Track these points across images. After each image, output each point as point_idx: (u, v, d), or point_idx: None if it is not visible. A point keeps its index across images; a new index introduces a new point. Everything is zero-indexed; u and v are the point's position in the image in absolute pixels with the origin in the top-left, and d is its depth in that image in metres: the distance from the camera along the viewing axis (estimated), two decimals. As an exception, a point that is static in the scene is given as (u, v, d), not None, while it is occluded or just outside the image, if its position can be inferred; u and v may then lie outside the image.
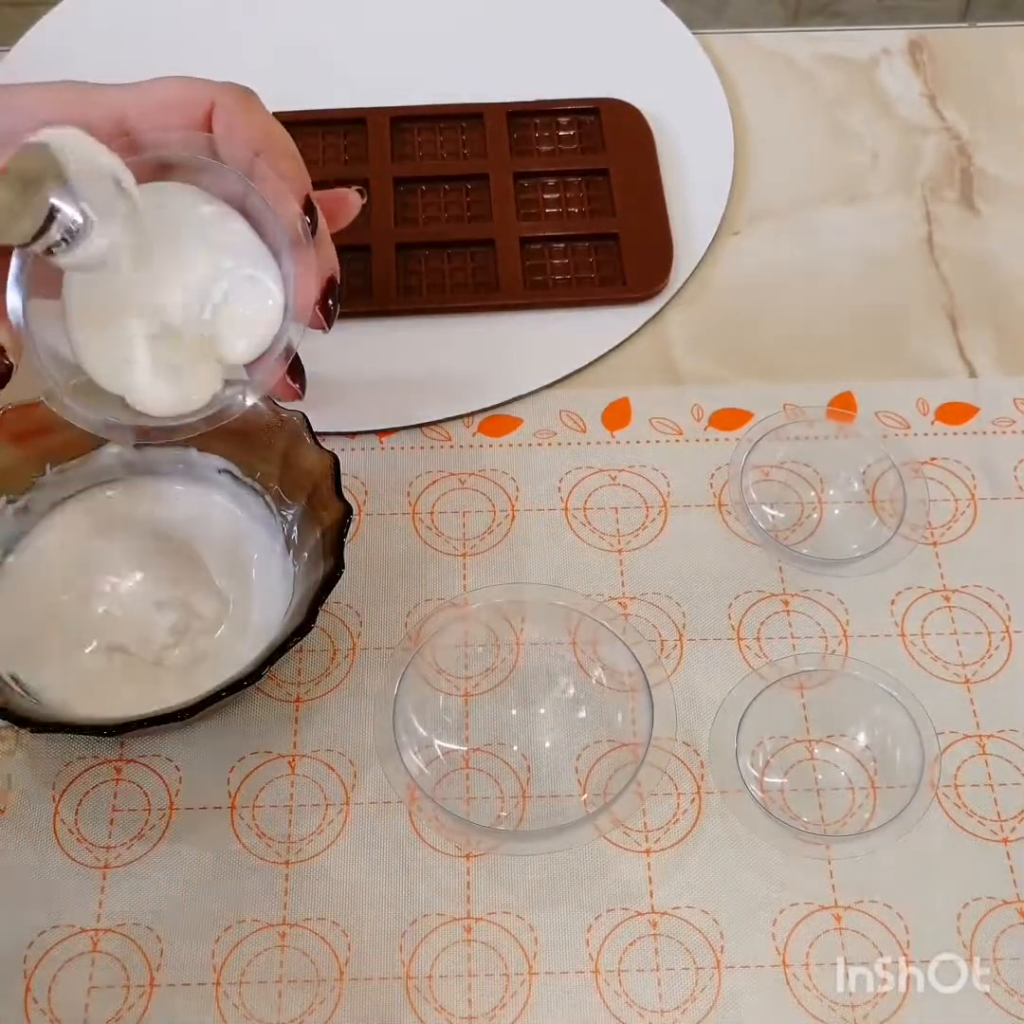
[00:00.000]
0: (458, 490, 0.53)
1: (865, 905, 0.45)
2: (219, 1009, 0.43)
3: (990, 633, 0.50)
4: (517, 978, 0.43)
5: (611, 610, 0.50)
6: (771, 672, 0.48)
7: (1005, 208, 0.62)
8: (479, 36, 0.67)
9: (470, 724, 0.48)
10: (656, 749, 0.46)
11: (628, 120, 0.63)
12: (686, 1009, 0.43)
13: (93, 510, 0.50)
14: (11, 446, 0.49)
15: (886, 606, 0.51)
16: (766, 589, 0.51)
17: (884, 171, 0.63)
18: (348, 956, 0.44)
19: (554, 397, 0.56)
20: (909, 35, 0.68)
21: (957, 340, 0.58)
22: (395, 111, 0.64)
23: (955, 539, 0.52)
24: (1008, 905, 0.45)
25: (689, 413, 0.55)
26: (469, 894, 0.45)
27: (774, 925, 0.44)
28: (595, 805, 0.46)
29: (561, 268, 0.59)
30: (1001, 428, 0.55)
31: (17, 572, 0.49)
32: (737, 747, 0.47)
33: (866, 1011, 0.43)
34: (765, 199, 0.62)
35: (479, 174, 0.62)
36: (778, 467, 0.54)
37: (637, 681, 0.47)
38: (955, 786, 0.47)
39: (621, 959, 0.44)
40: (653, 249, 0.59)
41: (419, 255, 0.59)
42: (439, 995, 0.43)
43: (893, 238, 0.61)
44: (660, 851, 0.45)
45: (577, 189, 0.62)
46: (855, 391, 0.56)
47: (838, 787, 0.47)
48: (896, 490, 0.53)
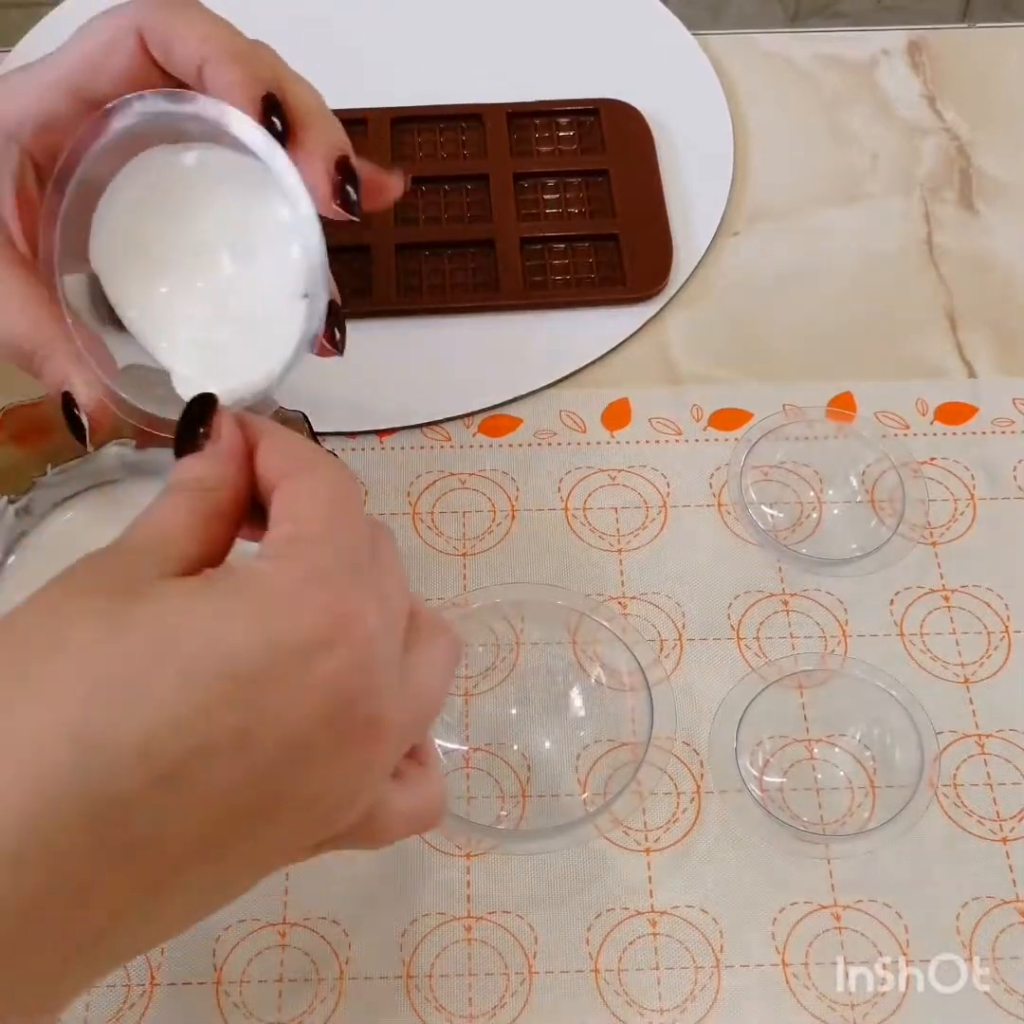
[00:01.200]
0: (458, 490, 0.53)
1: (865, 904, 0.45)
2: (220, 1008, 0.43)
3: (989, 633, 0.50)
4: (517, 977, 0.43)
5: (611, 610, 0.50)
6: (770, 672, 0.48)
7: (1005, 209, 0.62)
8: (479, 36, 0.68)
9: (470, 723, 0.48)
10: (656, 748, 0.46)
11: (628, 120, 0.63)
12: (686, 1008, 0.43)
13: (94, 510, 0.50)
14: (12, 446, 0.49)
15: (885, 606, 0.51)
16: (766, 589, 0.51)
17: (884, 172, 0.63)
18: (348, 955, 0.44)
19: (554, 397, 0.56)
20: (909, 36, 0.68)
21: (956, 340, 0.58)
22: (395, 112, 0.64)
23: (954, 539, 0.52)
24: (1007, 905, 0.45)
25: (689, 413, 0.55)
26: (469, 894, 0.45)
27: (773, 924, 0.44)
28: (595, 804, 0.46)
29: (561, 268, 0.59)
30: (1000, 428, 0.55)
31: (18, 572, 0.49)
32: (737, 746, 0.47)
33: (866, 1011, 0.43)
34: (765, 199, 0.63)
35: (479, 174, 0.62)
36: (777, 467, 0.54)
37: (637, 681, 0.47)
38: (954, 786, 0.47)
39: (621, 958, 0.44)
40: (653, 249, 0.59)
41: (419, 255, 0.59)
42: (439, 994, 0.43)
43: (893, 239, 0.61)
44: (660, 850, 0.46)
45: (577, 189, 0.62)
46: (854, 391, 0.56)
47: (837, 787, 0.47)
48: (895, 490, 0.53)
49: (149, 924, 0.31)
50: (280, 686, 0.30)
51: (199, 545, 0.33)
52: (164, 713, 0.28)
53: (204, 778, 0.29)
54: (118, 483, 0.51)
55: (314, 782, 0.31)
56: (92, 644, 0.29)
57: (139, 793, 0.28)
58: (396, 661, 0.33)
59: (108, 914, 0.29)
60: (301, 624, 0.30)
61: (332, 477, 0.34)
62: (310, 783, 0.31)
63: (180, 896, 0.30)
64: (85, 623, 0.30)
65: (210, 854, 0.30)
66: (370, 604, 0.32)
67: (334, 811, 0.32)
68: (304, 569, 0.31)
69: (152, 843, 0.29)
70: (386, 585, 0.33)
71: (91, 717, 0.28)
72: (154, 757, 0.28)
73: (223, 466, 0.35)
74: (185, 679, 0.29)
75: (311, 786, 0.31)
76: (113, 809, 0.28)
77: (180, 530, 0.33)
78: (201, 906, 0.32)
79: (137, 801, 0.28)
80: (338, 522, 0.33)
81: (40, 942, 0.28)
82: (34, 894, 0.27)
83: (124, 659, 0.29)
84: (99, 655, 0.29)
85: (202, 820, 0.29)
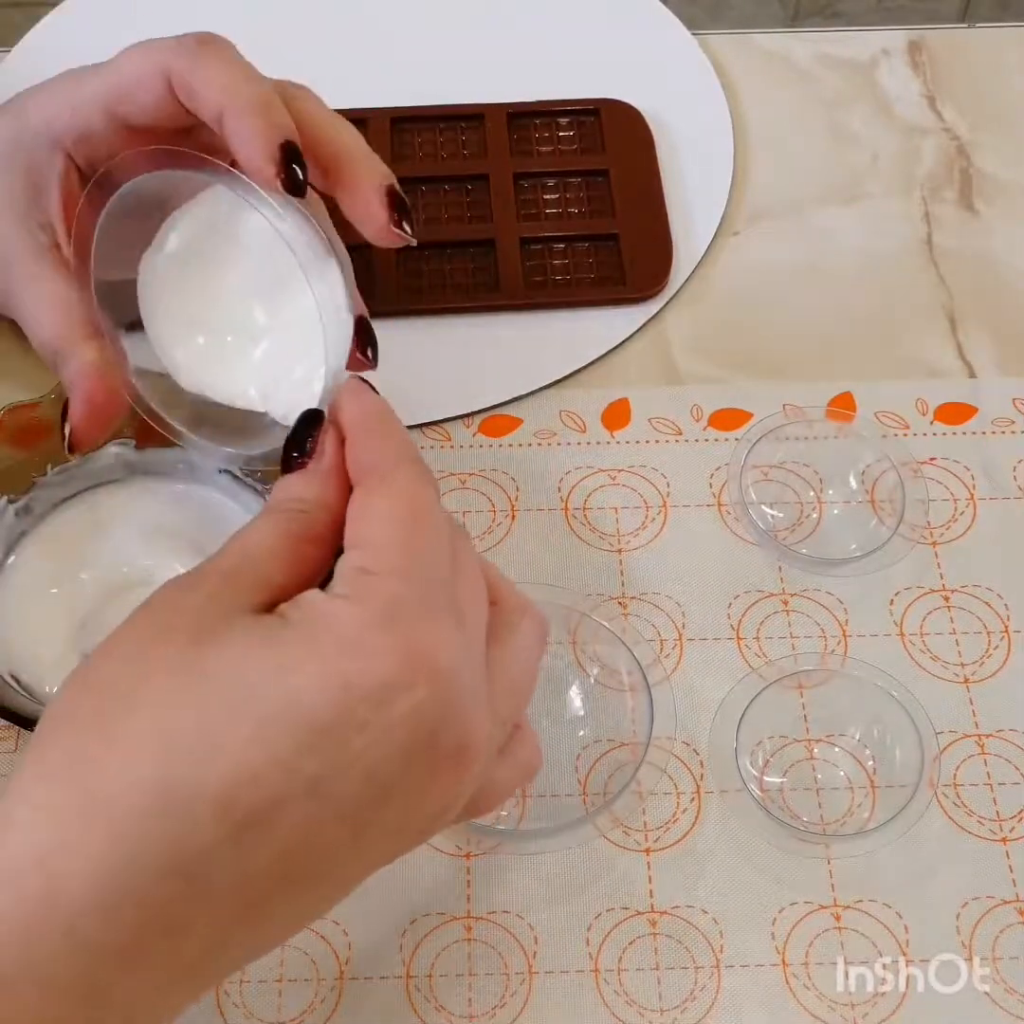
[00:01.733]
0: (458, 490, 0.53)
1: (864, 904, 0.45)
2: (220, 1008, 0.43)
3: (989, 633, 0.50)
4: (517, 977, 0.43)
5: (611, 610, 0.50)
6: (770, 672, 0.48)
7: (1005, 209, 0.62)
8: (479, 36, 0.67)
9: (470, 724, 0.48)
10: (656, 748, 0.46)
11: (628, 120, 0.63)
12: (686, 1008, 0.43)
13: (94, 510, 0.50)
14: (11, 446, 0.49)
15: (885, 606, 0.51)
16: (765, 589, 0.51)
17: (883, 171, 0.63)
18: (348, 955, 0.44)
19: (554, 397, 0.56)
20: (909, 36, 0.68)
21: (956, 340, 0.58)
22: (395, 111, 0.64)
23: (954, 539, 0.52)
24: (1007, 905, 0.45)
25: (689, 413, 0.55)
26: (469, 893, 0.45)
27: (773, 924, 0.44)
28: (595, 804, 0.46)
29: (561, 268, 0.59)
30: (1000, 428, 0.55)
31: (18, 572, 0.49)
32: (736, 746, 0.47)
33: (866, 1011, 0.43)
34: (765, 199, 0.63)
35: (479, 174, 0.62)
36: (777, 467, 0.54)
37: (637, 681, 0.47)
38: (954, 785, 0.47)
39: (621, 958, 0.44)
40: (653, 249, 0.59)
41: (419, 255, 0.59)
42: (439, 994, 0.43)
43: (892, 238, 0.61)
44: (660, 850, 0.46)
45: (577, 189, 0.62)
46: (854, 391, 0.56)
47: (837, 786, 0.47)
48: (895, 490, 0.53)
49: (243, 948, 0.32)
50: (354, 732, 0.30)
51: (287, 569, 0.33)
52: (240, 769, 0.29)
53: (283, 823, 0.30)
54: (118, 483, 0.51)
55: (401, 812, 0.32)
56: (168, 698, 0.30)
57: (218, 843, 0.29)
58: (480, 674, 0.34)
59: (200, 949, 0.30)
60: (373, 669, 0.31)
61: (406, 489, 0.34)
62: (397, 814, 0.32)
63: (270, 923, 0.32)
64: (159, 677, 0.31)
65: (295, 887, 0.31)
66: (446, 633, 0.32)
67: (430, 824, 0.34)
68: (375, 610, 0.31)
69: (235, 885, 0.30)
70: (465, 598, 0.34)
71: (170, 775, 0.29)
72: (231, 811, 0.29)
73: (321, 487, 0.35)
74: (258, 733, 0.30)
75: (398, 816, 0.32)
76: (195, 859, 0.29)
77: (267, 553, 0.34)
78: (293, 926, 0.33)
79: (217, 850, 0.29)
80: (413, 545, 0.33)
81: (137, 977, 0.30)
82: (128, 936, 0.29)
83: (198, 714, 0.30)
84: (174, 711, 0.30)
85: (284, 859, 0.30)
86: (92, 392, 0.42)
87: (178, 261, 0.42)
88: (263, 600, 0.33)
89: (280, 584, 0.33)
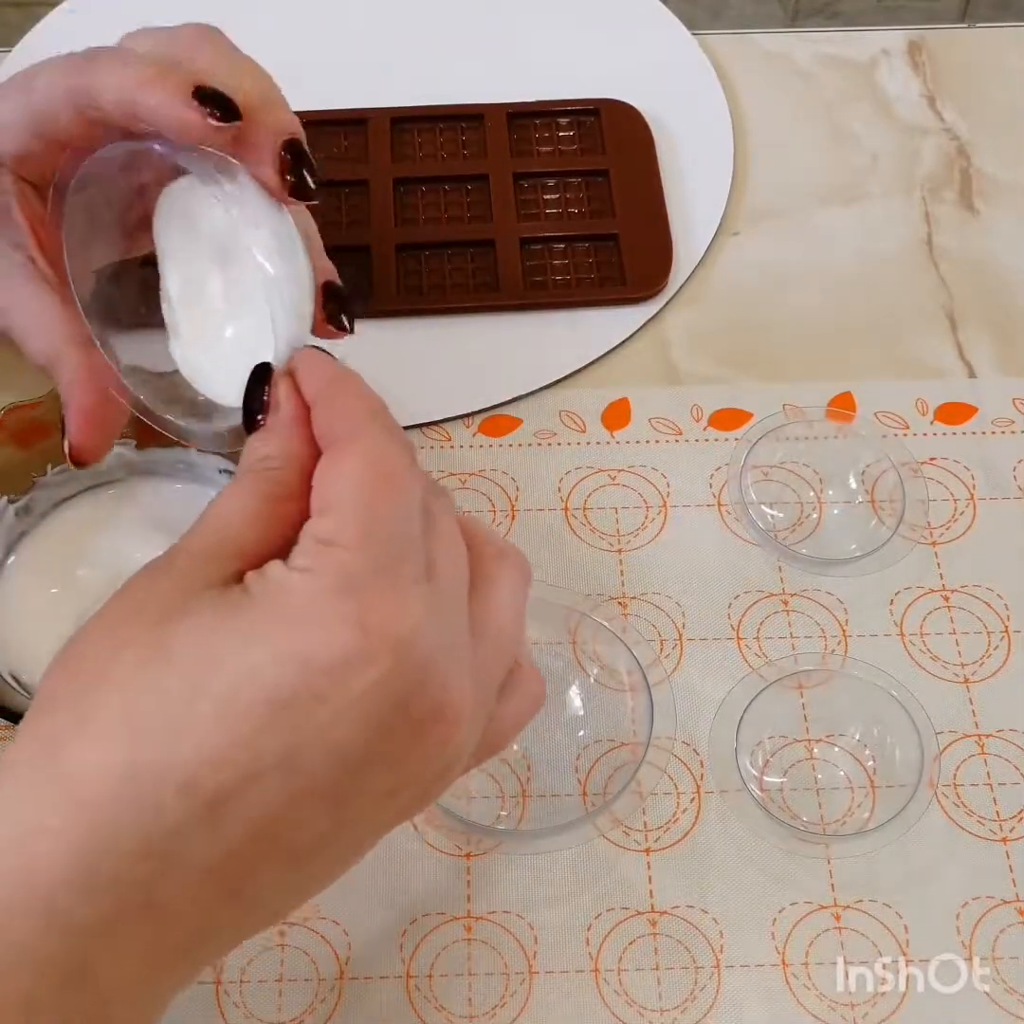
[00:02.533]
0: (458, 490, 0.53)
1: (864, 904, 0.45)
2: (220, 1008, 0.43)
3: (989, 633, 0.50)
4: (517, 977, 0.43)
5: (611, 610, 0.50)
6: (770, 672, 0.48)
7: (1004, 209, 0.62)
8: (479, 36, 0.68)
9: (470, 724, 0.48)
10: (656, 748, 0.46)
11: (628, 121, 0.63)
12: (686, 1008, 0.43)
13: (94, 510, 0.50)
14: (12, 446, 0.49)
15: (885, 606, 0.51)
16: (765, 589, 0.51)
17: (883, 172, 0.63)
18: (348, 955, 0.44)
19: (554, 397, 0.56)
20: (908, 36, 0.68)
21: (956, 340, 0.58)
22: (395, 111, 0.64)
23: (954, 539, 0.52)
24: (1007, 905, 0.45)
25: (688, 413, 0.55)
26: (469, 893, 0.45)
27: (773, 924, 0.44)
28: (595, 804, 0.46)
29: (561, 268, 0.59)
30: (1000, 428, 0.55)
31: (18, 572, 0.49)
32: (737, 746, 0.47)
33: (866, 1011, 0.43)
34: (765, 199, 0.63)
35: (479, 174, 0.62)
36: (777, 467, 0.54)
37: (637, 681, 0.47)
38: (954, 785, 0.47)
39: (621, 958, 0.44)
40: (653, 249, 0.59)
41: (419, 255, 0.59)
42: (439, 994, 0.43)
43: (892, 239, 0.61)
44: (660, 850, 0.46)
45: (577, 190, 0.62)
46: (854, 391, 0.56)
47: (837, 786, 0.47)
48: (895, 490, 0.53)
49: (233, 930, 0.32)
50: (316, 706, 0.30)
51: (264, 530, 0.33)
52: (203, 751, 0.30)
53: (253, 800, 0.30)
54: (118, 483, 0.51)
55: (386, 781, 0.32)
56: (134, 680, 0.30)
57: (187, 823, 0.29)
58: (458, 630, 0.33)
59: (186, 932, 0.30)
60: (331, 642, 0.30)
61: (372, 449, 0.33)
62: (381, 783, 0.32)
63: (257, 903, 0.32)
64: (128, 657, 0.31)
65: (279, 865, 0.31)
66: (409, 600, 0.31)
67: (432, 785, 0.33)
68: (330, 583, 0.31)
69: (213, 864, 0.30)
70: (440, 556, 0.33)
71: (136, 760, 0.29)
72: (198, 792, 0.29)
73: (284, 440, 0.35)
74: (220, 713, 0.30)
75: (384, 785, 0.32)
76: (166, 840, 0.29)
77: (239, 519, 0.33)
78: (285, 906, 0.33)
79: (188, 829, 0.29)
80: (376, 508, 0.32)
81: (119, 957, 0.30)
82: (107, 913, 0.29)
83: (161, 697, 0.30)
84: (140, 694, 0.30)
85: (261, 837, 0.30)
86: (84, 400, 0.42)
87: (177, 261, 0.41)
88: (239, 568, 0.32)
89: (254, 551, 0.33)
